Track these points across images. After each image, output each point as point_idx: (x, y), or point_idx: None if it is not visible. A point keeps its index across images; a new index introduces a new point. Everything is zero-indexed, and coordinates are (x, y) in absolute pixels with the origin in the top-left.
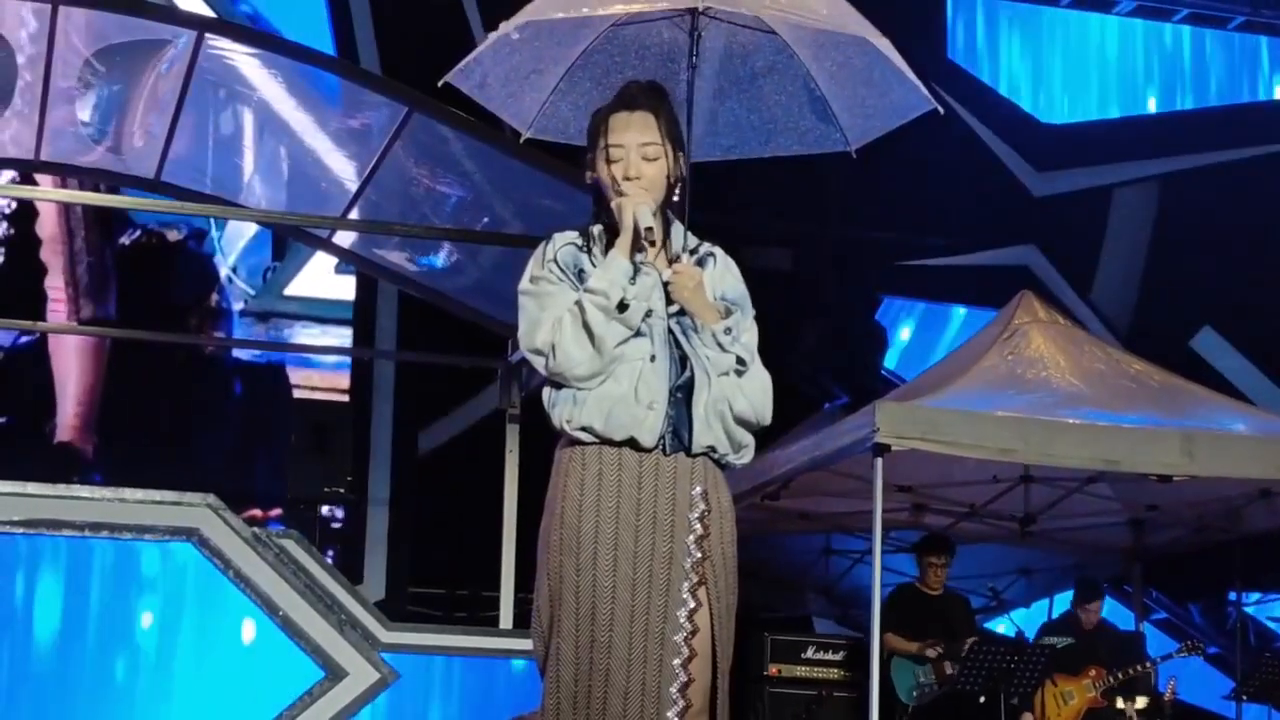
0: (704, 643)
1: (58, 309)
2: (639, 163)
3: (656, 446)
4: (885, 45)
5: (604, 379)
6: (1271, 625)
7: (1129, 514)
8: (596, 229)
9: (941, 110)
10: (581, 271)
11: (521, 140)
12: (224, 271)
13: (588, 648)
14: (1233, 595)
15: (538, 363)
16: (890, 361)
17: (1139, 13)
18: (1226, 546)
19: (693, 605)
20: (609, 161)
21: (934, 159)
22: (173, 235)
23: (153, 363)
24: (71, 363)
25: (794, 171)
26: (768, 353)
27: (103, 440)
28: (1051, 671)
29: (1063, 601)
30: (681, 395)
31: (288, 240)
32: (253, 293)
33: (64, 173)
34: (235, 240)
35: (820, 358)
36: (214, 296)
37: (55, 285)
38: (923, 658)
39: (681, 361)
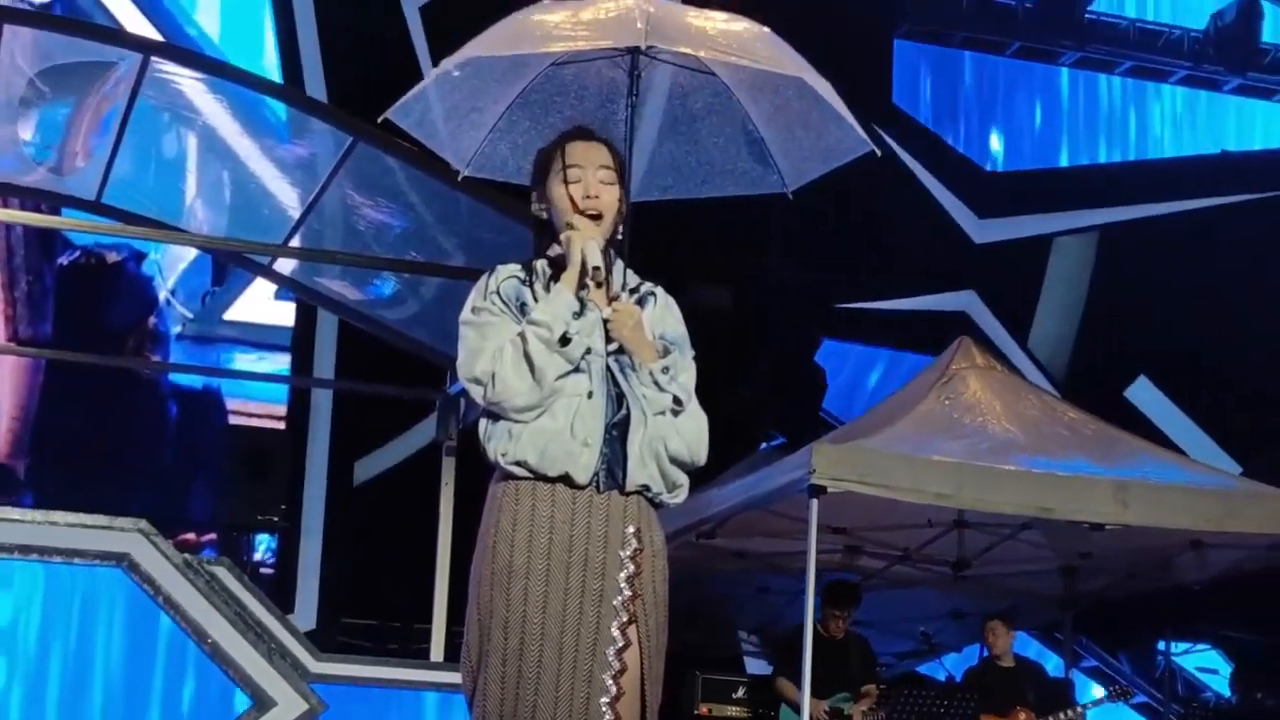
0: (632, 681)
1: None
2: (598, 185)
3: (590, 484)
4: (824, 87)
5: (541, 412)
6: (1199, 675)
7: (1061, 561)
8: (539, 264)
9: (879, 153)
10: (524, 305)
11: (460, 178)
12: (163, 295)
13: (514, 684)
14: (1162, 645)
15: (476, 392)
16: (828, 403)
17: (1083, 64)
18: (1157, 596)
19: (622, 643)
20: (567, 182)
21: (877, 203)
22: (112, 257)
23: (88, 384)
24: (5, 382)
25: (737, 211)
26: (707, 391)
27: (35, 461)
28: (979, 714)
29: None
30: (617, 433)
31: (228, 265)
32: (191, 316)
33: (4, 192)
34: (175, 264)
35: (759, 398)
36: (152, 319)
37: None
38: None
39: (618, 399)
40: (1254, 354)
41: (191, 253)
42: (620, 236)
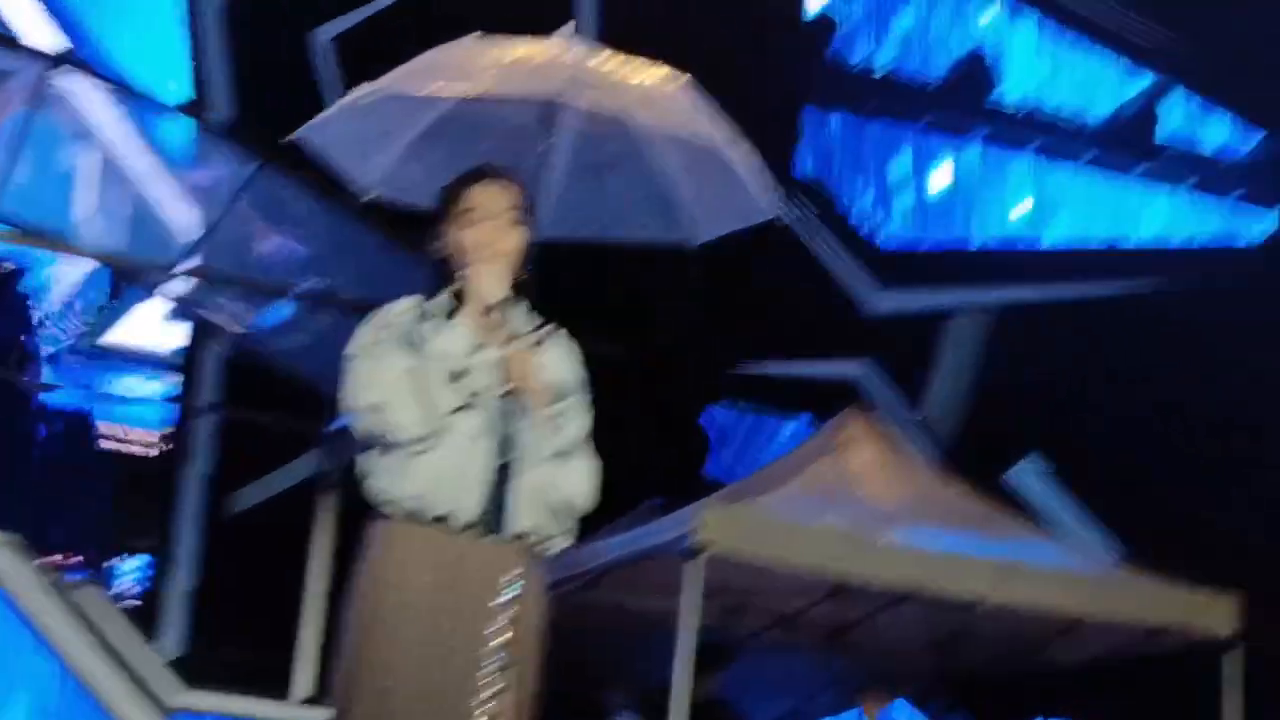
0: None
1: None
2: (503, 227)
3: (474, 525)
4: (737, 153)
5: (426, 449)
6: None
7: (935, 635)
8: (436, 301)
9: (782, 220)
10: (414, 341)
11: (363, 200)
12: (50, 309)
13: None
14: None
15: (363, 421)
16: (711, 467)
17: (994, 139)
18: (1033, 675)
19: (499, 686)
20: (466, 227)
21: (775, 266)
22: (5, 267)
23: None
24: None
25: (637, 265)
26: (595, 434)
27: None
28: None
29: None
30: (503, 476)
31: (119, 284)
32: (78, 334)
33: None
34: (65, 279)
35: (643, 455)
36: (36, 334)
37: None
38: None
39: (506, 442)
40: (1143, 442)
41: (83, 269)
42: (524, 276)
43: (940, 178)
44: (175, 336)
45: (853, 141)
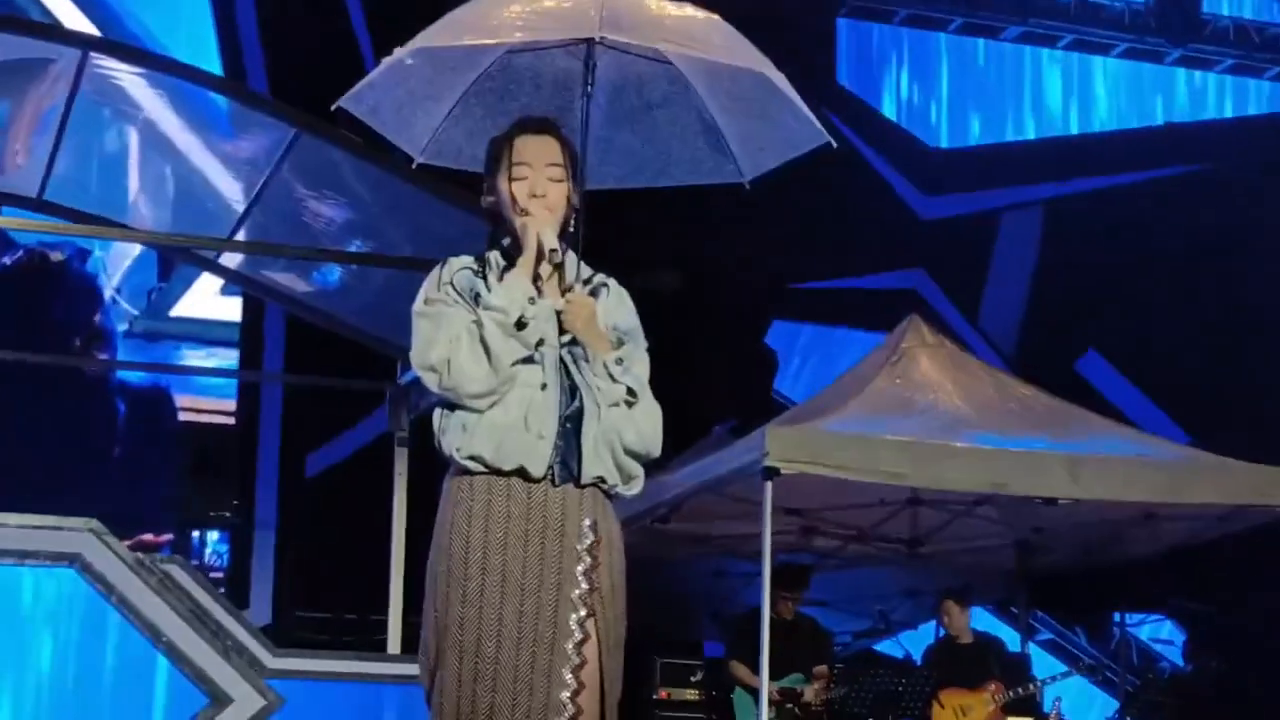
0: (592, 674)
1: None
2: (545, 182)
3: (545, 477)
4: (780, 79)
5: (495, 400)
6: (1154, 646)
7: (1014, 536)
8: (492, 255)
9: (835, 144)
10: (477, 295)
11: (414, 166)
12: (108, 292)
13: (471, 681)
14: (1116, 617)
15: (430, 380)
16: (780, 384)
17: (1025, 39)
18: (1110, 568)
19: (580, 637)
20: (513, 180)
21: (824, 183)
22: (56, 256)
23: (36, 384)
24: None
25: (684, 194)
26: (657, 375)
27: None
28: (942, 690)
29: None
30: (571, 425)
31: (174, 261)
32: (136, 314)
33: None
34: (120, 261)
35: (710, 380)
36: (98, 318)
37: None
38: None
39: (571, 391)
40: (1201, 324)
41: (136, 249)
42: (572, 229)
43: (979, 77)
44: (234, 308)
45: (890, 49)
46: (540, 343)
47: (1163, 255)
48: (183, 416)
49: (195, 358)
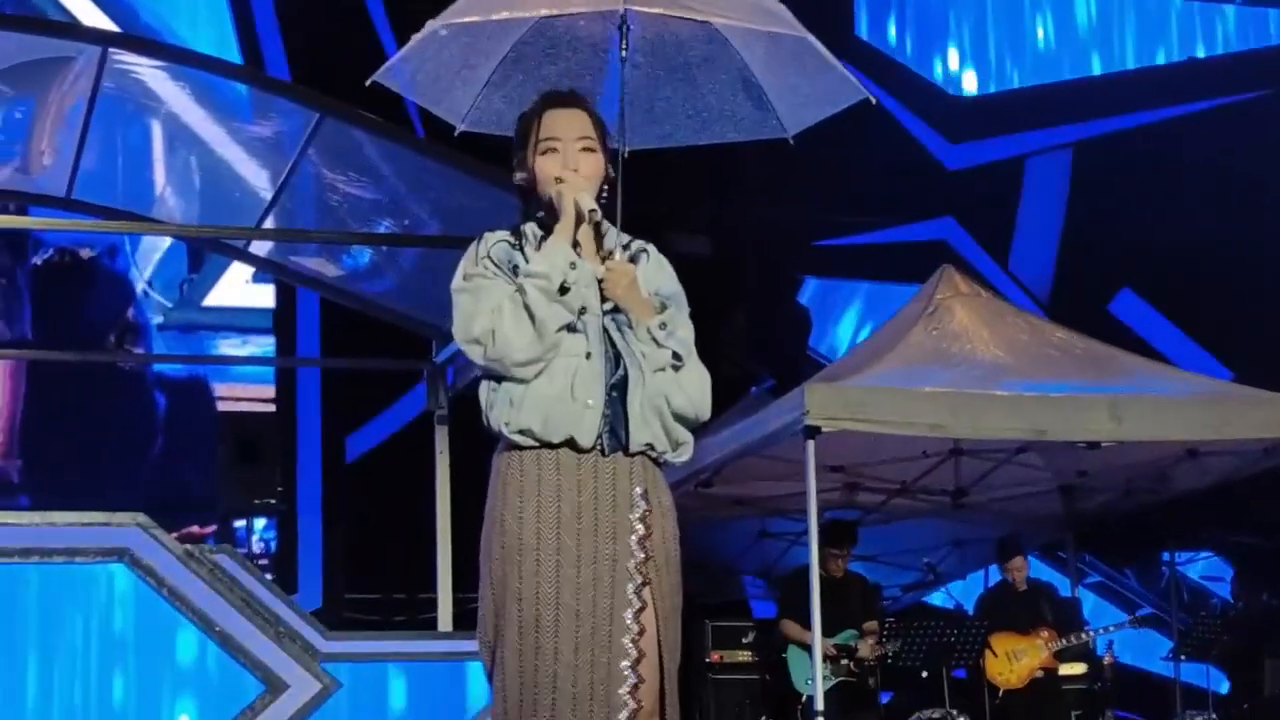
0: (650, 643)
1: None
2: (576, 155)
3: (595, 447)
4: (812, 39)
5: (541, 368)
6: (1204, 584)
7: (1059, 481)
8: (528, 227)
9: (874, 100)
10: (515, 268)
11: (456, 134)
12: (140, 286)
13: (532, 655)
14: (1166, 556)
15: (474, 352)
16: (815, 341)
17: None
18: (1156, 508)
19: (638, 606)
20: (545, 154)
21: (847, 136)
22: (86, 252)
23: (73, 381)
24: None
25: (711, 158)
26: (695, 340)
27: (27, 463)
28: (994, 635)
29: (997, 572)
30: (617, 393)
31: (203, 251)
32: (170, 306)
33: None
34: (150, 254)
35: (745, 342)
36: (131, 312)
37: None
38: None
39: (616, 359)
40: (1233, 257)
41: (165, 242)
42: (605, 198)
43: (1000, 23)
44: (266, 295)
45: None
46: (582, 311)
47: (1193, 191)
48: (221, 406)
49: (230, 346)
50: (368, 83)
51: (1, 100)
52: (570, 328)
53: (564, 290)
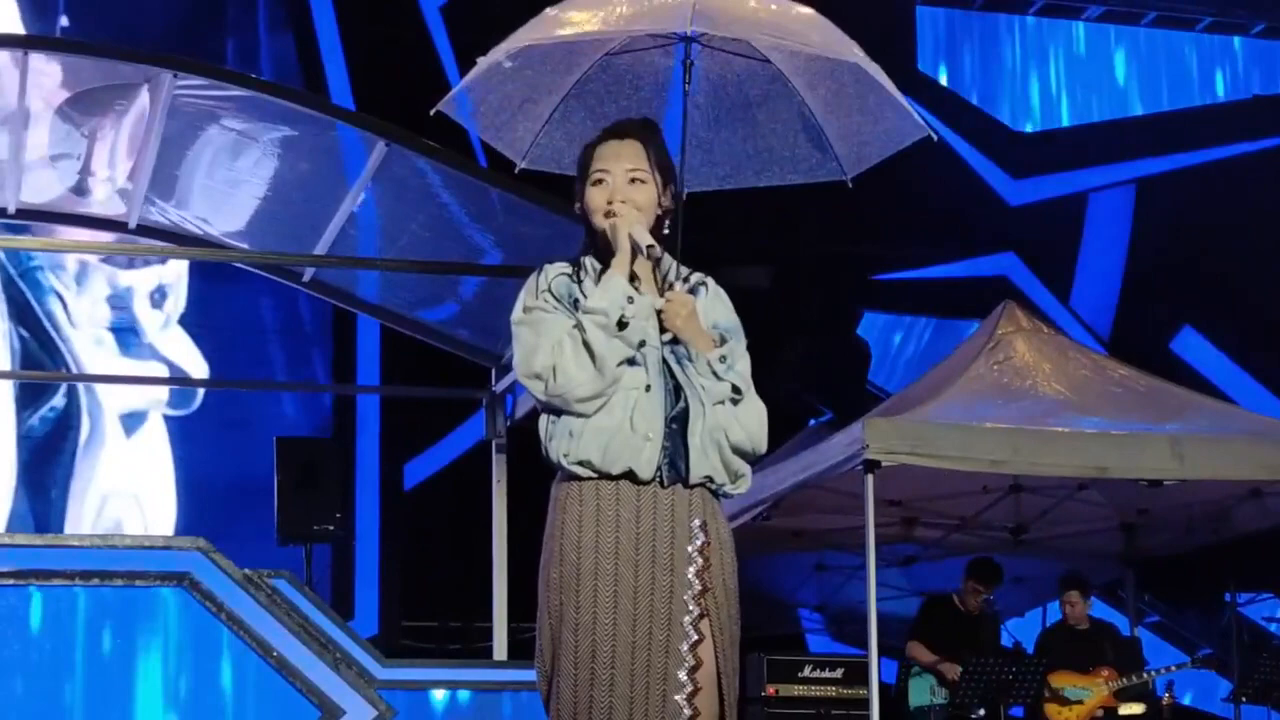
0: (707, 676)
1: None
2: (624, 187)
3: (654, 479)
4: (877, 71)
5: (602, 403)
6: (1266, 626)
7: (1120, 519)
8: (587, 260)
9: (935, 136)
10: (575, 301)
11: (516, 171)
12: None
13: (587, 686)
14: (1227, 597)
15: (535, 388)
16: (874, 375)
17: (1107, 18)
18: (1218, 548)
19: (695, 638)
20: (594, 185)
21: (909, 170)
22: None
23: None
24: None
25: (771, 191)
26: (752, 372)
27: None
28: (1053, 674)
29: (1057, 609)
30: (677, 426)
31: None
32: None
33: (40, 219)
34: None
35: (803, 375)
36: None
37: None
38: (939, 674)
39: (676, 392)
40: None
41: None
42: (667, 231)
43: (1062, 58)
44: (327, 321)
45: (968, 34)
46: (641, 343)
47: (1256, 228)
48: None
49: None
50: (431, 112)
51: (68, 126)
52: (630, 360)
53: (622, 325)
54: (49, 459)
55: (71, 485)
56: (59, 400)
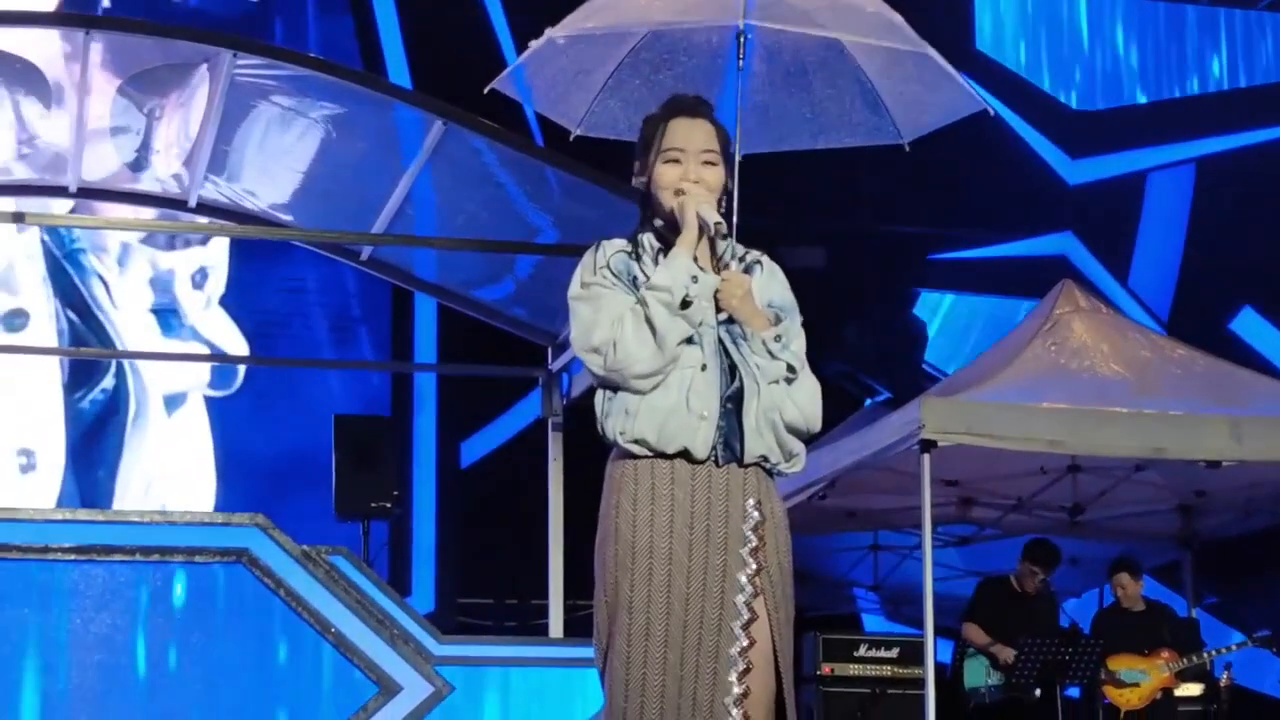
0: (761, 654)
1: None
2: (698, 167)
3: (709, 458)
4: (933, 52)
5: (659, 380)
6: None
7: (1178, 500)
8: (645, 237)
9: (993, 111)
10: (635, 279)
11: (571, 138)
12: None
13: (640, 663)
14: None
15: (594, 362)
16: (930, 355)
17: None
18: (1277, 530)
19: (748, 617)
20: (667, 163)
21: (966, 150)
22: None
23: None
24: None
25: (824, 170)
26: (809, 352)
27: None
28: (1110, 657)
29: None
30: (732, 405)
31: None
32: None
33: (99, 198)
34: None
35: (860, 354)
36: None
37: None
38: (993, 657)
39: (731, 371)
40: None
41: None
42: (723, 210)
43: (1122, 36)
44: (385, 300)
45: (1026, 10)
46: (699, 323)
47: None
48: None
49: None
50: (486, 90)
51: (128, 105)
52: (688, 339)
53: (686, 304)
54: (97, 440)
55: (119, 465)
56: (108, 382)
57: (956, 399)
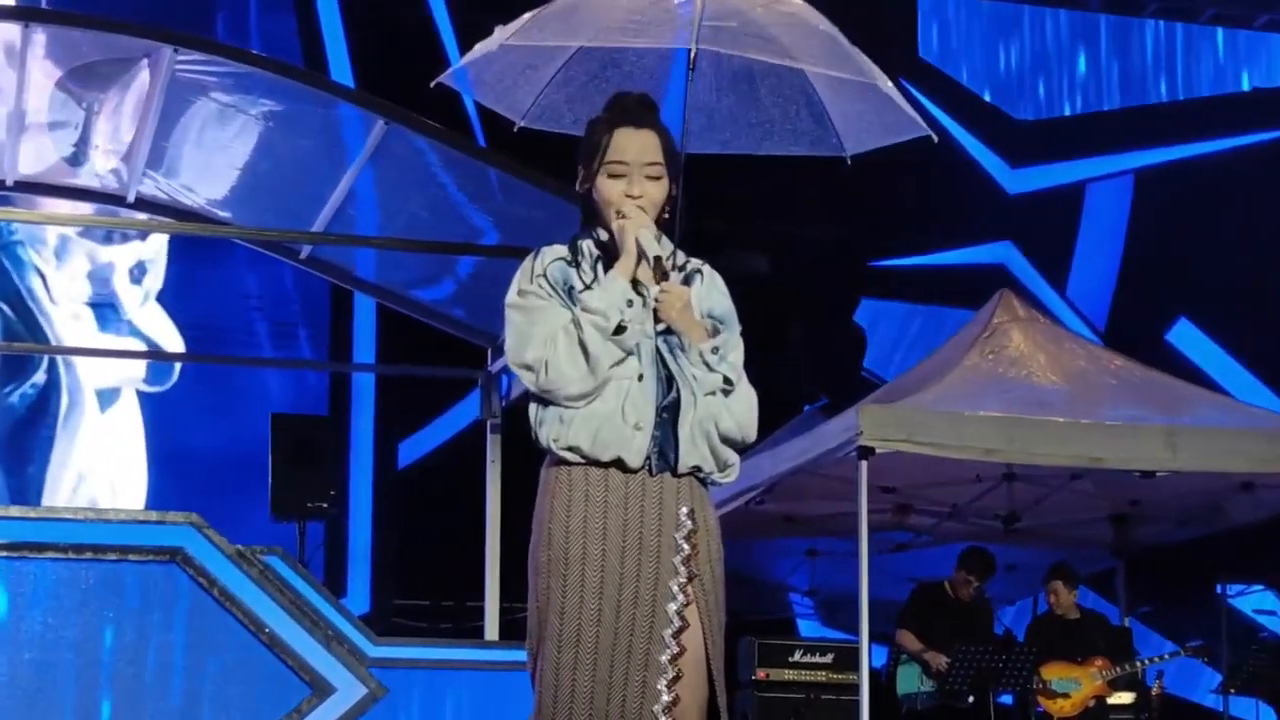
0: (692, 662)
1: None
2: (642, 181)
3: (643, 467)
4: (884, 82)
5: (592, 399)
6: (1256, 618)
7: (1112, 509)
8: (585, 244)
9: (936, 138)
10: (571, 288)
11: (515, 129)
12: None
13: (570, 669)
14: (1218, 588)
15: (526, 378)
16: (869, 362)
17: (1108, 7)
18: (1210, 540)
19: (679, 624)
20: (611, 177)
21: (908, 157)
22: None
23: None
24: None
25: (769, 176)
26: (747, 356)
27: None
28: (1044, 665)
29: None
30: (667, 415)
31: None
32: None
33: (38, 193)
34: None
35: (800, 360)
36: None
37: None
38: (925, 664)
39: (668, 381)
40: None
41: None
42: (667, 216)
43: (1063, 48)
44: (324, 299)
45: (971, 21)
46: (638, 343)
47: (1254, 222)
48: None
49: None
50: (432, 84)
51: (66, 99)
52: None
53: (620, 330)
54: (27, 435)
55: (50, 461)
56: (39, 376)
57: (895, 406)
